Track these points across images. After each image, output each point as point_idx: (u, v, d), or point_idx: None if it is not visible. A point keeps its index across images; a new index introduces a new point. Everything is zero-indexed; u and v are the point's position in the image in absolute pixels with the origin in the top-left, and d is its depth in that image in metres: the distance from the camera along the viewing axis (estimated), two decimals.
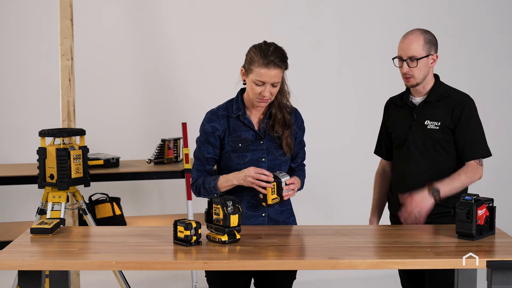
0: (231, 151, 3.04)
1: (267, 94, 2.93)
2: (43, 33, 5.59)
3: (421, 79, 3.18)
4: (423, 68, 3.16)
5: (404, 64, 3.16)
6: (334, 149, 5.89)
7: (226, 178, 3.00)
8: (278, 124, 3.05)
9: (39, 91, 5.65)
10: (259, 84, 2.92)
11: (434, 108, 3.21)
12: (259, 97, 2.95)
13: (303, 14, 5.91)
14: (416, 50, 3.13)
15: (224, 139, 3.05)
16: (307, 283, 4.82)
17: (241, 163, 3.02)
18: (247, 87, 3.01)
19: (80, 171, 3.97)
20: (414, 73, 3.15)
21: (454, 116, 3.17)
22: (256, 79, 2.91)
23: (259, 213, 3.07)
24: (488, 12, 6.06)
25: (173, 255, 2.64)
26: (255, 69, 2.91)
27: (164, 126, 5.67)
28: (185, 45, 5.79)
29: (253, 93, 2.95)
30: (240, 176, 2.95)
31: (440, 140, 3.19)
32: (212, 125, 3.05)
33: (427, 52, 3.15)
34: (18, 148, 5.62)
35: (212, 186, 3.01)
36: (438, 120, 3.19)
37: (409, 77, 3.17)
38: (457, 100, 3.20)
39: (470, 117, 3.17)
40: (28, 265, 2.53)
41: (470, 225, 2.77)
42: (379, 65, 5.83)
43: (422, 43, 3.14)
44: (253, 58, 2.93)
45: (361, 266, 2.54)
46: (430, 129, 3.19)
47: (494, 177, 5.83)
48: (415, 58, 3.13)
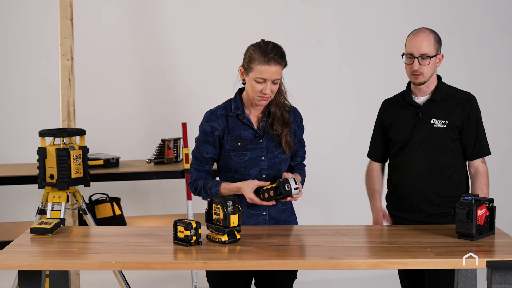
0: (231, 150, 3.04)
1: (268, 91, 2.94)
2: (43, 33, 5.59)
3: (429, 78, 3.21)
4: (432, 66, 3.19)
5: (415, 61, 3.17)
6: (334, 149, 5.89)
7: (229, 189, 3.00)
8: (277, 122, 3.06)
9: (39, 91, 5.65)
10: (260, 82, 2.93)
11: (440, 106, 3.22)
12: (260, 95, 2.95)
13: (303, 14, 5.91)
14: (428, 48, 3.16)
15: (223, 138, 3.06)
16: (307, 283, 4.81)
17: (241, 162, 3.03)
18: (247, 86, 3.01)
19: (80, 171, 3.97)
20: (424, 70, 3.17)
21: (463, 114, 3.20)
22: (257, 76, 2.92)
23: (260, 211, 3.07)
24: (488, 12, 6.06)
25: (173, 255, 2.64)
26: (256, 66, 2.92)
27: (164, 126, 5.66)
28: (185, 45, 5.79)
29: (254, 92, 2.96)
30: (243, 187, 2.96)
31: (446, 138, 3.20)
32: (211, 124, 3.05)
33: (436, 51, 3.19)
34: (18, 148, 5.61)
35: (214, 192, 3.02)
36: (445, 119, 3.20)
37: (419, 75, 3.18)
38: (463, 99, 3.23)
39: (477, 115, 3.24)
40: (28, 265, 2.53)
41: (470, 225, 2.77)
42: (379, 65, 5.85)
43: (433, 42, 3.18)
44: (252, 56, 2.94)
45: (361, 266, 2.54)
46: (437, 128, 3.21)
47: (494, 177, 5.81)
48: (428, 56, 3.15)
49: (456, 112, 3.21)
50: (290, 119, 3.10)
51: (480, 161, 3.26)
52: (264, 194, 2.93)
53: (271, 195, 2.92)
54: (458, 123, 3.20)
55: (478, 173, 3.26)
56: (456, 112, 3.20)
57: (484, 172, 3.26)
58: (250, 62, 2.95)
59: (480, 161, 3.26)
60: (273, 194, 2.91)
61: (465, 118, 3.20)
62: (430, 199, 3.22)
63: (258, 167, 3.04)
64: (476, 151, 3.24)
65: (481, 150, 3.25)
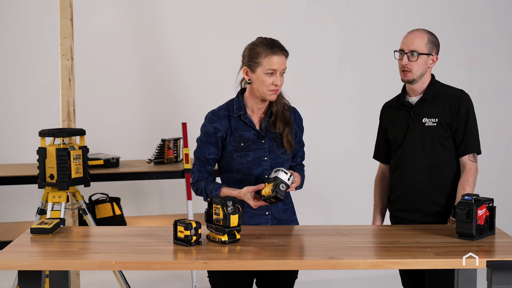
0: (233, 151, 3.04)
1: (279, 82, 2.97)
2: (43, 33, 5.59)
3: (418, 76, 3.20)
4: (422, 65, 3.18)
5: (404, 57, 3.19)
6: (334, 149, 5.89)
7: (231, 194, 2.99)
8: (280, 120, 3.07)
9: (39, 91, 5.65)
10: (271, 73, 2.96)
11: (430, 105, 3.22)
12: (271, 88, 2.97)
13: (303, 14, 5.91)
14: (419, 45, 3.17)
15: (226, 139, 3.06)
16: (307, 283, 4.81)
17: (244, 162, 3.03)
18: (256, 84, 3.00)
19: (80, 171, 3.97)
20: (413, 67, 3.18)
21: (451, 111, 3.19)
22: (267, 68, 2.95)
23: (263, 211, 3.07)
24: (488, 12, 6.06)
25: (173, 255, 2.64)
26: (264, 60, 2.95)
27: (164, 126, 5.67)
28: (185, 44, 5.79)
29: (265, 86, 2.97)
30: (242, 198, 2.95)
31: (438, 136, 3.20)
32: (214, 125, 3.05)
33: (429, 51, 3.18)
34: (18, 148, 5.62)
35: (214, 195, 3.01)
36: (435, 117, 3.20)
37: (407, 71, 3.20)
38: (454, 96, 3.23)
39: (468, 111, 3.21)
40: (28, 265, 2.53)
41: (470, 225, 2.77)
42: (379, 65, 5.85)
43: (426, 40, 3.18)
44: (257, 51, 2.97)
45: (361, 266, 2.54)
46: (428, 126, 3.21)
47: (494, 177, 5.84)
48: (417, 53, 3.16)
49: (445, 109, 3.20)
50: (291, 118, 3.11)
51: (467, 158, 3.18)
52: (267, 201, 2.92)
53: (273, 201, 2.92)
54: (447, 120, 3.19)
55: (465, 170, 3.18)
56: (445, 110, 3.20)
57: (470, 169, 3.17)
58: (256, 58, 2.97)
59: (468, 158, 3.18)
60: (275, 200, 2.90)
61: (454, 115, 3.19)
62: (429, 198, 3.22)
63: (260, 167, 3.05)
64: (463, 148, 3.19)
65: (468, 146, 3.18)
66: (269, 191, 2.87)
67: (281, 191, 2.86)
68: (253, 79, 3.01)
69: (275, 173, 2.91)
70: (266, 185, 2.91)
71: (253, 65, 2.98)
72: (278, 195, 2.85)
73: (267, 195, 2.89)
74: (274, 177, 2.88)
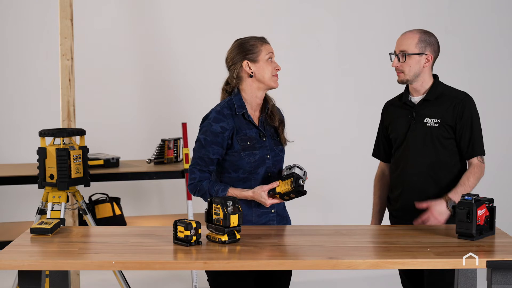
0: (241, 150, 3.03)
1: (278, 64, 3.08)
2: (43, 33, 5.59)
3: (412, 76, 3.20)
4: (414, 65, 3.18)
5: (395, 58, 3.20)
6: (334, 149, 5.89)
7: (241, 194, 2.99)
8: (276, 114, 3.14)
9: (39, 91, 5.65)
10: (271, 57, 3.07)
11: (433, 105, 3.22)
12: (274, 73, 3.07)
13: (303, 14, 5.91)
14: (407, 46, 3.18)
15: (232, 139, 3.04)
16: (307, 283, 4.82)
17: (252, 161, 3.03)
18: (260, 73, 3.05)
19: (80, 171, 3.97)
20: (404, 68, 3.19)
21: (455, 113, 3.19)
22: (267, 53, 3.06)
23: (269, 209, 3.08)
24: (488, 12, 6.06)
25: (173, 255, 2.64)
26: (261, 47, 3.06)
27: (164, 126, 5.67)
28: (185, 44, 5.79)
29: (270, 71, 3.06)
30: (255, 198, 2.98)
31: (440, 137, 3.20)
32: (221, 125, 3.02)
33: (420, 50, 3.17)
34: (18, 148, 5.62)
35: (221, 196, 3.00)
36: (438, 117, 3.20)
37: (399, 72, 3.22)
38: (457, 98, 3.22)
39: (472, 114, 3.21)
40: (28, 265, 2.53)
41: (470, 225, 2.77)
42: (379, 65, 5.82)
43: (417, 40, 3.18)
44: (252, 43, 3.08)
45: (361, 266, 2.54)
46: (430, 127, 3.21)
47: (494, 177, 5.83)
48: (405, 53, 3.16)
49: (448, 111, 3.20)
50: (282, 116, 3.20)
51: (477, 159, 3.22)
52: (285, 198, 2.95)
53: (292, 197, 2.94)
54: (450, 122, 3.20)
55: (472, 165, 3.21)
56: (448, 111, 3.20)
57: (479, 166, 3.19)
58: (253, 49, 3.06)
59: (479, 161, 3.22)
60: (295, 195, 2.93)
61: (458, 118, 3.19)
62: (428, 198, 3.22)
63: (265, 166, 3.06)
64: (470, 151, 3.21)
65: (479, 149, 3.22)
66: (287, 187, 2.91)
67: (301, 185, 2.90)
68: (256, 70, 3.05)
69: (288, 170, 2.96)
70: (281, 182, 2.93)
71: (253, 55, 3.05)
72: (300, 189, 2.90)
73: (283, 192, 2.91)
74: (291, 173, 2.92)
